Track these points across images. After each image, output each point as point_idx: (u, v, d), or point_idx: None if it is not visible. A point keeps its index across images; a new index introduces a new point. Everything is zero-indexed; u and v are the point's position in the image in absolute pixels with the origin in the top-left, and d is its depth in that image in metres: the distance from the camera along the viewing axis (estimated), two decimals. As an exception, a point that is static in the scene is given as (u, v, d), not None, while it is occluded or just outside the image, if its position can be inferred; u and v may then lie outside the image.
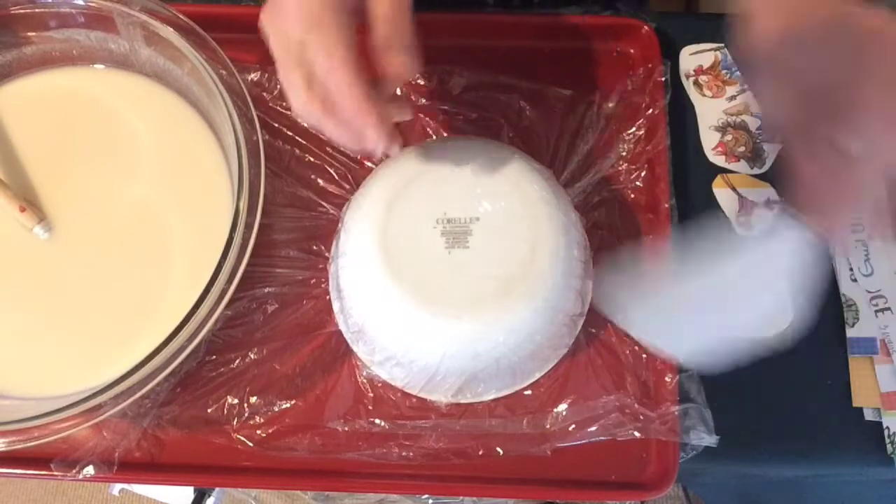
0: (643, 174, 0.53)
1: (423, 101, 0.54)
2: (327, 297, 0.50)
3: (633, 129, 0.53)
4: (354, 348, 0.49)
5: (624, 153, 0.53)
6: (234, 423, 0.48)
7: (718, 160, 0.56)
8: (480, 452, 0.48)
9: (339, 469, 0.48)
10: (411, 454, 0.48)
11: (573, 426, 0.48)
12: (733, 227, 0.55)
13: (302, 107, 0.37)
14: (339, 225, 0.49)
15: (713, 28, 0.58)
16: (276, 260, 0.51)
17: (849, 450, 0.51)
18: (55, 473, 0.46)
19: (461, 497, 0.65)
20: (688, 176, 0.56)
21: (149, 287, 0.49)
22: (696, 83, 0.58)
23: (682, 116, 0.56)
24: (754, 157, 0.56)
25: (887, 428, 0.51)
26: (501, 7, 0.60)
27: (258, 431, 0.48)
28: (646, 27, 0.55)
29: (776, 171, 0.56)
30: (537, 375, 0.49)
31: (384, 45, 0.37)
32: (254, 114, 0.48)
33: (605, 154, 0.53)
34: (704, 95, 0.58)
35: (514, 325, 0.44)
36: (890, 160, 0.33)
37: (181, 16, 0.49)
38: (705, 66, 0.58)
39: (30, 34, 0.52)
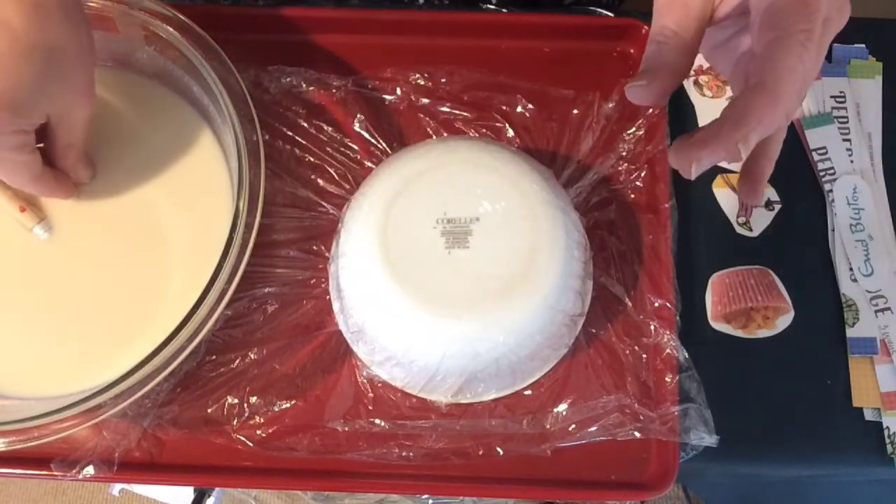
0: (643, 174, 0.53)
1: (423, 100, 0.54)
2: (327, 297, 0.50)
3: (633, 129, 0.53)
4: (354, 348, 0.49)
5: (624, 153, 0.53)
6: (234, 423, 0.48)
7: (718, 160, 0.56)
8: (480, 452, 0.48)
9: (339, 469, 0.48)
10: (411, 454, 0.48)
11: (573, 426, 0.48)
12: (733, 227, 0.55)
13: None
14: (339, 225, 0.49)
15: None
16: (276, 260, 0.51)
17: (849, 450, 0.51)
18: (55, 473, 0.46)
19: (461, 497, 0.65)
20: (688, 176, 0.56)
21: (149, 287, 0.49)
22: (696, 83, 0.58)
23: (682, 116, 0.56)
24: (754, 157, 0.56)
25: (887, 428, 0.51)
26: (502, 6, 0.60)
27: (258, 431, 0.48)
28: (646, 27, 0.55)
29: (776, 171, 0.56)
30: (537, 375, 0.49)
31: (72, 167, 0.48)
32: (254, 114, 0.47)
33: (605, 154, 0.53)
34: (704, 95, 0.58)
35: (514, 325, 0.44)
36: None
37: (181, 16, 0.49)
38: (705, 66, 0.58)
39: (30, 34, 0.52)
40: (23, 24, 0.38)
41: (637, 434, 0.47)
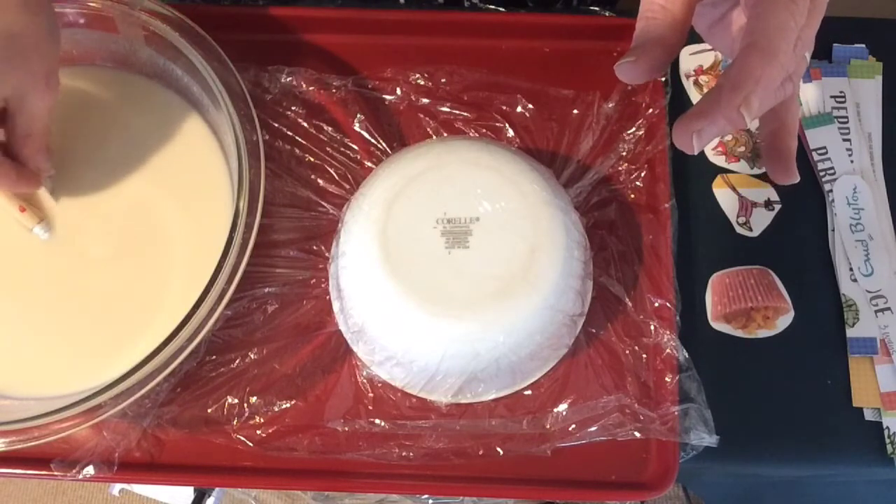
0: (643, 174, 0.53)
1: (424, 100, 0.54)
2: (327, 297, 0.50)
3: (633, 129, 0.53)
4: (354, 348, 0.49)
5: (624, 153, 0.53)
6: (234, 423, 0.48)
7: (718, 160, 0.56)
8: (480, 452, 0.48)
9: (339, 469, 0.48)
10: (411, 454, 0.48)
11: (573, 426, 0.48)
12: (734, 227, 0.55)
13: None
14: (339, 225, 0.49)
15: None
16: (276, 260, 0.51)
17: (849, 450, 0.51)
18: (55, 473, 0.46)
19: (461, 497, 0.65)
20: (688, 176, 0.56)
21: (149, 287, 0.49)
22: (696, 83, 0.58)
23: (682, 116, 0.56)
24: (754, 157, 0.56)
25: (887, 428, 0.51)
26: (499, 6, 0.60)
27: (258, 431, 0.48)
28: (646, 27, 0.55)
29: (776, 171, 0.56)
30: (537, 375, 0.49)
31: (30, 157, 0.47)
32: (254, 114, 0.48)
33: (605, 154, 0.53)
34: (704, 95, 0.58)
35: (514, 325, 0.44)
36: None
37: (181, 16, 0.49)
38: (705, 66, 0.58)
39: (30, 34, 0.52)
40: None
41: (637, 434, 0.47)
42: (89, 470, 0.46)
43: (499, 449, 0.48)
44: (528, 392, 0.49)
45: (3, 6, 0.40)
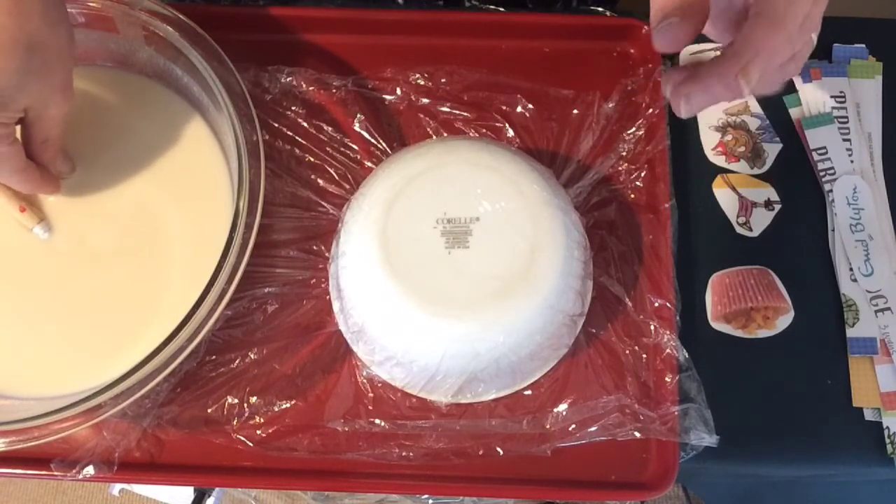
0: (643, 174, 0.53)
1: (424, 100, 0.54)
2: (327, 297, 0.50)
3: (633, 129, 0.53)
4: (354, 348, 0.49)
5: (624, 153, 0.53)
6: (234, 423, 0.48)
7: (718, 160, 0.56)
8: (480, 452, 0.48)
9: (339, 469, 0.48)
10: (411, 454, 0.48)
11: (573, 426, 0.48)
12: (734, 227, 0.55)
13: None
14: (339, 225, 0.49)
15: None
16: (276, 260, 0.51)
17: (849, 450, 0.51)
18: (55, 473, 0.46)
19: (461, 497, 0.65)
20: (688, 176, 0.56)
21: (149, 287, 0.49)
22: (696, 83, 0.58)
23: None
24: (754, 157, 0.56)
25: (887, 428, 0.51)
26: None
27: (258, 431, 0.48)
28: (645, 27, 0.55)
29: (776, 171, 0.56)
30: (537, 375, 0.49)
31: (49, 161, 0.48)
32: (254, 114, 0.48)
33: (605, 154, 0.53)
34: (704, 95, 0.58)
35: (514, 325, 0.44)
36: None
37: (181, 16, 0.49)
38: (705, 66, 0.58)
39: (30, 34, 0.52)
40: (2, 19, 0.39)
41: (637, 434, 0.47)
42: (89, 470, 0.46)
43: (499, 449, 0.48)
44: (528, 392, 0.49)
45: (26, 18, 0.40)
